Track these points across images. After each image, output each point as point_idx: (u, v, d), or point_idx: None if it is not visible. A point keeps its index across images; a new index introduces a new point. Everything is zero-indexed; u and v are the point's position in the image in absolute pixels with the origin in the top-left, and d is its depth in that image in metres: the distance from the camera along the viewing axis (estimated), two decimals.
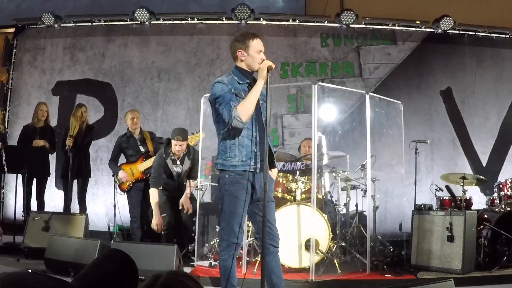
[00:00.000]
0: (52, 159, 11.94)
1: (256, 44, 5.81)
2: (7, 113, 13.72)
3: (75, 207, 11.12)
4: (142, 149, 10.36)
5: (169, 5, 14.94)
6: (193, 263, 9.54)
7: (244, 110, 5.49)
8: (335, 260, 8.67)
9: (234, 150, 5.64)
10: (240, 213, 5.62)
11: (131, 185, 10.21)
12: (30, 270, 3.04)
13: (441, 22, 13.57)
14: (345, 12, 13.55)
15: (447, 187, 9.82)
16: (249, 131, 5.70)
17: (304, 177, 9.46)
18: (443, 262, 8.59)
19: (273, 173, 6.16)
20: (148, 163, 10.01)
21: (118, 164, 10.66)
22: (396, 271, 8.88)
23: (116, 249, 2.54)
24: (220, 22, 13.96)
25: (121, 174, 10.35)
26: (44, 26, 14.11)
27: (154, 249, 7.92)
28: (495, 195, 10.09)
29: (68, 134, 10.86)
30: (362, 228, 10.05)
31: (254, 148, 5.69)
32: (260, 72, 5.59)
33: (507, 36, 14.06)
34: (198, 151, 9.88)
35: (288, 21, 13.98)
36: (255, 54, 5.77)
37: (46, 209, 11.00)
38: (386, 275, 8.71)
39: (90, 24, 14.17)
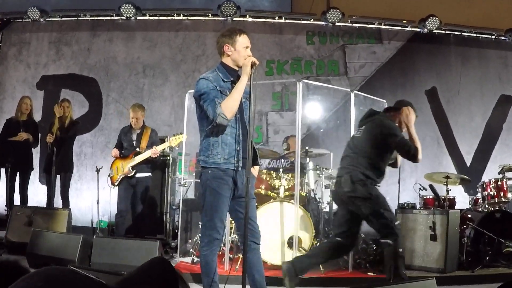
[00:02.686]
0: (36, 153, 11.90)
1: (243, 40, 5.79)
2: None
3: (58, 202, 11.07)
4: (135, 144, 10.23)
5: (154, 1, 14.89)
6: (175, 259, 9.55)
7: (229, 107, 5.46)
8: None
9: (217, 147, 5.61)
10: (222, 209, 5.61)
11: (119, 179, 10.11)
12: (71, 267, 3.01)
13: (427, 22, 13.61)
14: (331, 10, 13.55)
15: (431, 186, 9.81)
16: (232, 129, 5.67)
17: (287, 174, 9.46)
18: (426, 261, 8.64)
19: (255, 170, 6.15)
20: (136, 160, 9.89)
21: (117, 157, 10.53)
22: (378, 270, 8.87)
23: (160, 258, 2.49)
24: (206, 18, 13.94)
25: (114, 150, 10.29)
26: (30, 20, 14.03)
27: (136, 245, 7.91)
28: (479, 195, 10.12)
29: (50, 130, 10.82)
30: None
31: (237, 146, 5.66)
32: (244, 68, 5.56)
33: (493, 36, 14.14)
34: None
35: (274, 18, 13.97)
36: (241, 49, 5.74)
37: (29, 204, 10.96)
38: (368, 273, 8.74)
39: (75, 18, 14.12)
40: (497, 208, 9.43)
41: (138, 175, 9.98)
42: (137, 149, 10.06)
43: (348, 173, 7.25)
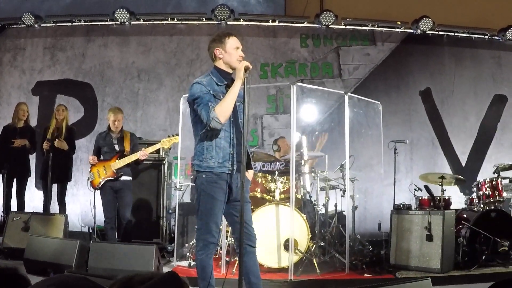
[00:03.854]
0: (32, 159, 11.93)
1: (232, 41, 5.85)
2: None
3: (55, 207, 11.09)
4: (117, 147, 10.10)
5: (148, 6, 14.89)
6: (172, 264, 9.58)
7: (222, 111, 5.50)
8: (314, 260, 8.70)
9: (211, 151, 5.66)
10: (217, 213, 5.65)
11: (102, 182, 10.03)
12: (84, 276, 3.02)
13: (420, 23, 13.63)
14: (325, 12, 13.55)
15: (426, 187, 9.87)
16: (226, 133, 5.71)
17: (283, 177, 9.48)
18: (422, 262, 8.67)
19: (250, 174, 6.17)
20: (121, 162, 9.76)
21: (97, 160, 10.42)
22: (375, 271, 8.95)
23: (175, 273, 2.46)
24: (200, 22, 13.95)
25: (91, 157, 10.17)
26: (24, 26, 14.02)
27: (133, 250, 7.92)
28: (474, 194, 10.17)
29: (46, 137, 10.83)
30: (341, 228, 10.08)
31: (231, 150, 5.71)
32: (238, 73, 5.60)
33: (486, 36, 14.17)
34: None
35: (267, 21, 13.98)
36: (232, 50, 5.81)
37: (26, 210, 10.97)
38: (365, 275, 8.78)
39: (70, 24, 14.10)
40: (493, 207, 9.49)
41: (122, 178, 9.89)
42: (122, 153, 10.01)
43: None
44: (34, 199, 12.48)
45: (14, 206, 11.10)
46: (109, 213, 9.86)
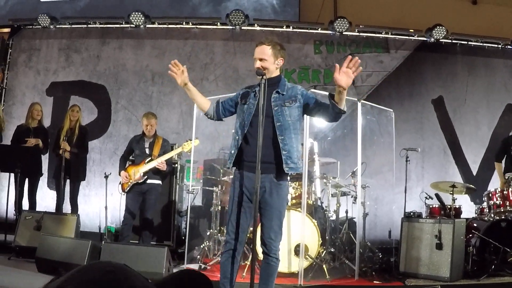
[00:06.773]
0: (45, 159, 12.00)
1: (254, 51, 5.97)
2: (0, 113, 13.66)
3: (66, 207, 11.13)
4: (147, 152, 10.23)
5: (163, 10, 14.93)
6: (182, 266, 9.61)
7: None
8: (324, 266, 8.73)
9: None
10: (234, 212, 5.75)
11: (130, 186, 10.09)
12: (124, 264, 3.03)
13: (433, 31, 13.61)
14: (339, 19, 13.56)
15: (437, 195, 9.87)
16: (234, 134, 5.98)
17: (295, 182, 9.51)
18: (431, 270, 8.65)
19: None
20: (147, 167, 9.92)
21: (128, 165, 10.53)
22: (384, 278, 8.95)
23: (194, 271, 2.49)
24: (215, 27, 13.98)
25: (122, 174, 10.24)
26: (40, 27, 14.12)
27: (144, 251, 7.95)
28: (485, 204, 10.17)
29: (61, 138, 10.91)
30: (351, 235, 10.10)
31: (233, 150, 5.88)
32: None
33: (499, 45, 14.11)
34: None
35: (282, 27, 14.00)
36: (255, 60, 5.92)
37: (37, 209, 11.04)
38: (374, 282, 8.78)
39: (85, 26, 14.18)
40: (503, 217, 9.44)
41: (149, 181, 9.98)
42: (150, 157, 10.08)
43: None
44: (45, 199, 12.56)
45: (25, 205, 11.17)
46: (128, 214, 9.91)
